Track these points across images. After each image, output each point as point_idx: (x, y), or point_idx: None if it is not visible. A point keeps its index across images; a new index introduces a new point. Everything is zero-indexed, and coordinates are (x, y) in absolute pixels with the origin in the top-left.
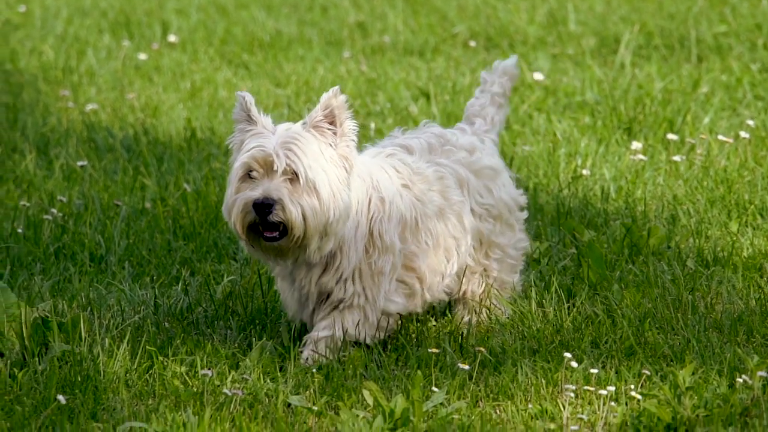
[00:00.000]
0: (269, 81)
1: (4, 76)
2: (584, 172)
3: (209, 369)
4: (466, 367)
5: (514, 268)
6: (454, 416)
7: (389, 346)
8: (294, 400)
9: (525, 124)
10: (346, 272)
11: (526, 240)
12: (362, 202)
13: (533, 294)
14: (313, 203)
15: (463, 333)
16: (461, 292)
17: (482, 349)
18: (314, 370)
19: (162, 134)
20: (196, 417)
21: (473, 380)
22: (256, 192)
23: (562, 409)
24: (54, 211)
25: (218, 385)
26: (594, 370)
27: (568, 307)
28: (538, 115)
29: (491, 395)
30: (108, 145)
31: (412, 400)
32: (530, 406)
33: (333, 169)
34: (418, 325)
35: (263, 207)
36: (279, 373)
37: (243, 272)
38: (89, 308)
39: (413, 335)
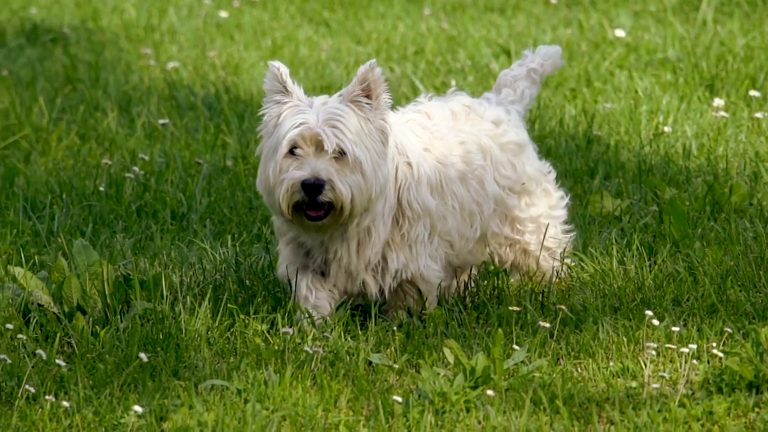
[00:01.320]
0: (350, 38)
1: (86, 35)
2: (666, 129)
3: (290, 327)
4: (547, 325)
5: (557, 233)
6: (535, 374)
7: (470, 305)
8: (375, 358)
9: (606, 82)
10: (377, 245)
11: (563, 197)
12: (391, 173)
13: (614, 251)
14: (359, 181)
15: (544, 291)
16: (509, 262)
17: (563, 306)
18: (395, 328)
19: (243, 92)
20: (278, 375)
21: (554, 338)
22: (304, 172)
23: (643, 367)
24: (136, 169)
25: (299, 343)
26: (675, 328)
27: (650, 265)
28: (619, 72)
29: (572, 353)
30: (189, 103)
31: (492, 358)
32: (611, 364)
33: (372, 145)
34: (499, 282)
35: (314, 188)
36: (360, 331)
37: None
38: (171, 266)
39: (494, 293)
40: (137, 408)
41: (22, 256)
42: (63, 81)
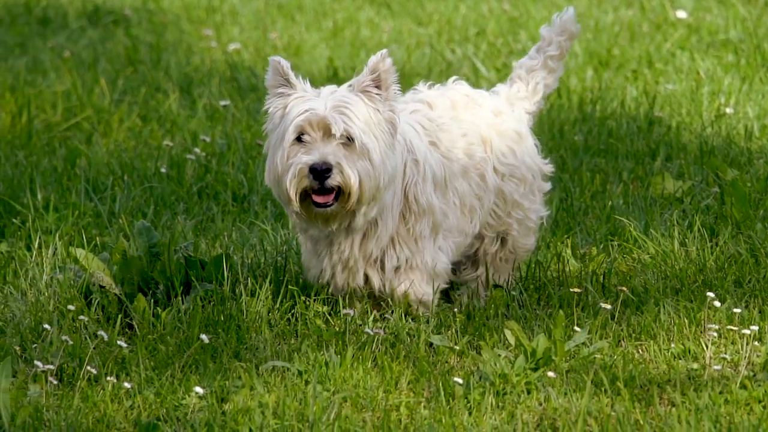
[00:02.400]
0: (411, 20)
1: (147, 16)
2: (728, 110)
3: (351, 308)
4: (609, 306)
5: (531, 231)
6: (596, 356)
7: (531, 287)
8: (436, 339)
9: (668, 63)
10: (384, 239)
11: (545, 211)
12: (399, 167)
13: (676, 233)
14: (368, 168)
15: (605, 273)
16: (473, 250)
17: (624, 288)
18: (455, 310)
19: (304, 73)
20: (339, 356)
21: (615, 320)
22: (312, 156)
23: (704, 348)
24: (197, 150)
25: (360, 325)
26: (737, 310)
27: (711, 246)
28: (681, 53)
29: (633, 335)
30: (251, 85)
31: (553, 339)
32: (673, 345)
33: (381, 135)
34: (560, 264)
35: (322, 171)
36: (421, 313)
37: None
38: (232, 248)
39: (555, 275)
40: (198, 389)
41: (84, 237)
42: (124, 62)
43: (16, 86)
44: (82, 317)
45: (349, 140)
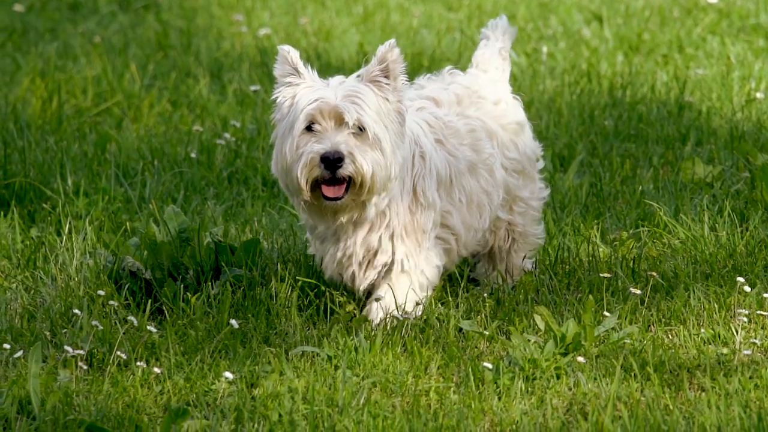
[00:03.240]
0: (441, 5)
1: (178, 1)
2: (758, 95)
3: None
4: (638, 291)
5: (536, 219)
6: (625, 341)
7: (560, 272)
8: (465, 324)
9: (698, 48)
10: (397, 229)
11: (545, 189)
12: (407, 158)
13: (706, 218)
14: (379, 158)
15: (635, 258)
16: (488, 247)
17: (654, 273)
18: (485, 295)
19: (335, 58)
20: (368, 341)
21: (645, 305)
22: (324, 145)
23: (734, 333)
24: (227, 135)
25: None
26: (767, 295)
27: (741, 231)
28: (711, 38)
29: (663, 320)
30: None
31: (583, 324)
32: (702, 330)
33: (391, 125)
34: (590, 249)
35: (334, 161)
36: (450, 298)
37: None
38: (262, 233)
39: (585, 260)
40: (228, 374)
41: (114, 222)
42: (155, 48)
43: (47, 72)
44: (111, 302)
45: (360, 130)
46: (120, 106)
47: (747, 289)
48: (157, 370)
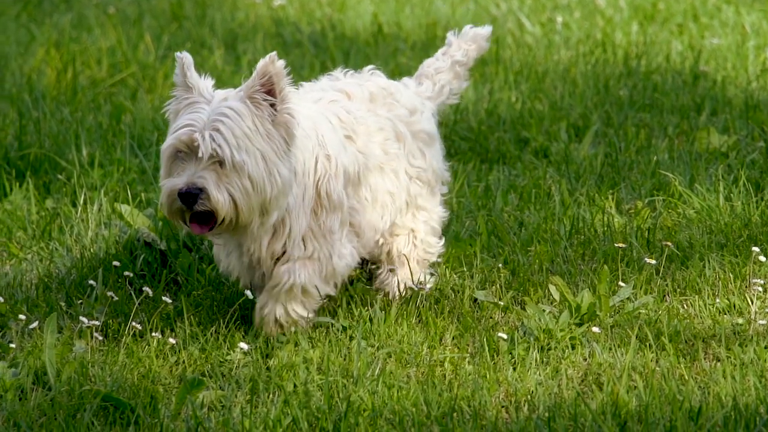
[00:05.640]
0: None
1: None
2: None
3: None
4: (653, 261)
5: (436, 232)
6: (640, 311)
7: (575, 242)
8: (480, 295)
9: (713, 17)
10: (297, 237)
11: (445, 213)
12: (309, 164)
13: (721, 188)
14: (244, 185)
15: (650, 228)
16: (386, 251)
17: (669, 243)
18: (500, 265)
19: (349, 29)
20: (383, 312)
21: (660, 275)
22: (180, 180)
23: (749, 303)
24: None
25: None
26: None
27: (757, 201)
28: (726, 7)
29: (678, 290)
30: (295, 41)
31: (598, 294)
32: (718, 300)
33: (268, 145)
34: (605, 219)
35: (188, 197)
36: (465, 268)
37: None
38: None
39: (600, 230)
40: (243, 345)
41: (129, 193)
42: (169, 18)
43: (62, 42)
44: (127, 273)
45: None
46: (135, 77)
47: (762, 258)
48: (172, 340)
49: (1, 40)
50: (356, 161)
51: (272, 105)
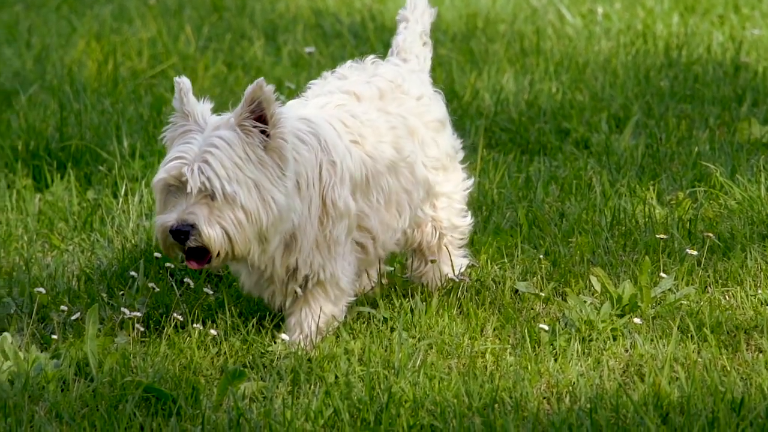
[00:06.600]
0: None
1: None
2: None
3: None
4: (695, 252)
5: (461, 211)
6: (682, 302)
7: (617, 233)
8: (521, 286)
9: (754, 8)
10: (306, 249)
11: (468, 179)
12: (312, 174)
13: (762, 179)
14: (238, 217)
15: (691, 219)
16: (416, 244)
17: (711, 234)
18: (541, 256)
19: (389, 20)
20: (424, 303)
21: (702, 266)
22: (171, 216)
23: None
24: (282, 97)
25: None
26: None
27: None
28: None
29: (720, 281)
30: (335, 31)
31: (640, 286)
32: (759, 291)
33: (260, 172)
34: (646, 210)
35: (179, 234)
36: (506, 259)
37: (470, 159)
38: None
39: (641, 221)
40: (284, 336)
41: None
42: (209, 9)
43: (102, 34)
44: (168, 264)
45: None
46: (175, 67)
47: None
48: (213, 332)
49: (42, 32)
50: (363, 166)
51: (263, 131)
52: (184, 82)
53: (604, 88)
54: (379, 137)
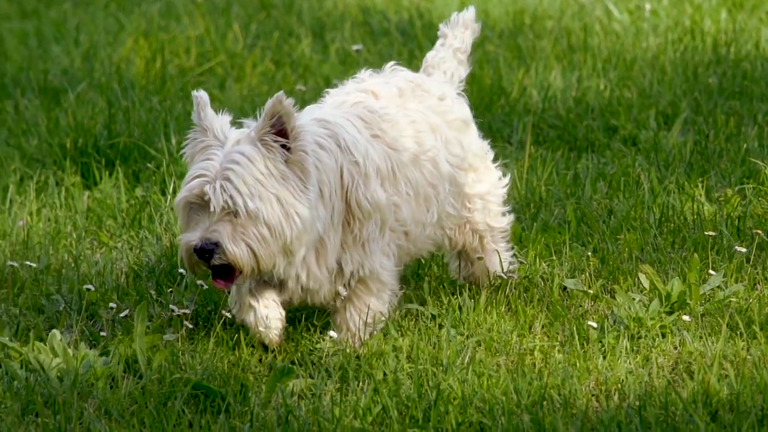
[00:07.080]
0: None
1: None
2: None
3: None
4: (744, 249)
5: (498, 213)
6: (731, 299)
7: (665, 230)
8: (569, 283)
9: None
10: (332, 253)
11: (503, 178)
12: (335, 179)
13: None
14: (261, 233)
15: (740, 216)
16: (459, 245)
17: (759, 231)
18: (589, 254)
19: (437, 17)
20: (472, 300)
21: (751, 263)
22: (194, 235)
23: None
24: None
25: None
26: None
27: None
28: None
29: None
30: (383, 29)
31: (688, 283)
32: None
33: (283, 187)
34: (694, 207)
35: (203, 252)
36: (554, 257)
37: (518, 156)
38: None
39: (690, 218)
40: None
41: None
42: (257, 7)
43: (150, 32)
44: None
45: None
46: (223, 65)
47: None
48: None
49: (90, 30)
50: (387, 158)
51: (283, 146)
52: (201, 96)
53: (652, 85)
54: (399, 131)
